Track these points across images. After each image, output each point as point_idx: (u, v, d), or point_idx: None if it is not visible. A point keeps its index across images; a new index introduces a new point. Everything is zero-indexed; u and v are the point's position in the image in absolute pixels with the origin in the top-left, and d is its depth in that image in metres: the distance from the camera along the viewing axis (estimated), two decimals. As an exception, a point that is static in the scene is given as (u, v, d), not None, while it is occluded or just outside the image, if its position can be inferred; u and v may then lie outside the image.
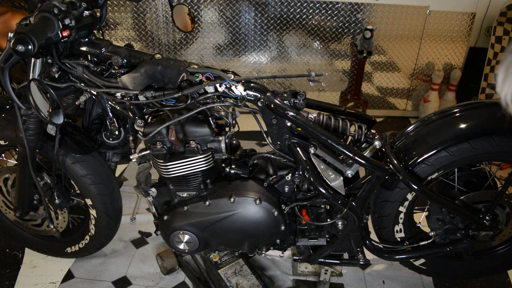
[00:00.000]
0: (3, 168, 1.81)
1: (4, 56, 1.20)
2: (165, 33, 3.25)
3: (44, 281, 1.85)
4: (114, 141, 1.58)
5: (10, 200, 1.84)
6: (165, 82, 1.35)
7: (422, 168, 1.46)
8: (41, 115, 1.22)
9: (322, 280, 1.76)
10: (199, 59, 3.36)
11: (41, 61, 1.36)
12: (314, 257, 1.64)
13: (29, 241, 1.96)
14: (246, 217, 1.47)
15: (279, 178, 1.51)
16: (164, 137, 1.39)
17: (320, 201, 1.52)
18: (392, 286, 1.87)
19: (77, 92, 1.53)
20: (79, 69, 1.39)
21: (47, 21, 1.19)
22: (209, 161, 1.44)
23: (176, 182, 1.47)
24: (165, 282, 1.85)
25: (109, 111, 1.50)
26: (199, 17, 3.18)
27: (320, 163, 1.44)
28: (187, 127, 1.40)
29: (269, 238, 1.54)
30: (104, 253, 2.00)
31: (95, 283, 1.85)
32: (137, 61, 1.38)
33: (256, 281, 1.77)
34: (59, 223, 1.84)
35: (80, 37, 1.38)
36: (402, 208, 1.58)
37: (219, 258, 1.86)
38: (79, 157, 1.59)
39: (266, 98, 1.36)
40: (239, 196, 1.45)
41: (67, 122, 1.61)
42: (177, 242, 1.55)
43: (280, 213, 1.48)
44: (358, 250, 1.62)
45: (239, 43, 3.30)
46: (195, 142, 1.40)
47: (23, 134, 1.43)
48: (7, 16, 2.30)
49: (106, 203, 1.69)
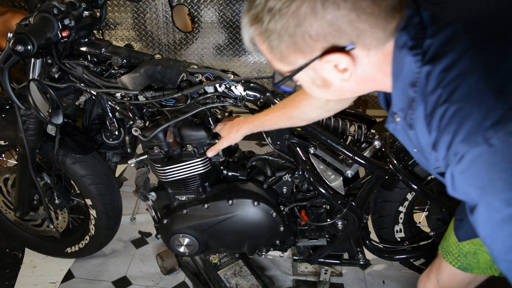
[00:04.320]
0: (3, 168, 1.81)
1: (3, 56, 1.20)
2: (165, 33, 3.25)
3: (44, 281, 1.85)
4: (114, 142, 1.58)
5: (10, 200, 1.84)
6: (165, 82, 1.35)
7: (422, 168, 1.46)
8: (41, 115, 1.22)
9: (322, 280, 1.76)
10: (199, 59, 3.37)
11: (41, 61, 1.36)
12: (314, 257, 1.64)
13: (29, 241, 1.96)
14: (244, 219, 1.47)
15: (277, 179, 1.51)
16: (162, 141, 1.38)
17: (320, 201, 1.52)
18: (392, 286, 1.87)
19: (77, 93, 1.53)
20: (79, 69, 1.39)
21: (47, 21, 1.19)
22: (207, 164, 1.44)
23: (175, 185, 1.48)
24: (165, 282, 1.85)
25: (109, 111, 1.50)
26: (199, 17, 3.18)
27: (319, 163, 1.44)
28: (184, 131, 1.39)
29: (269, 239, 1.54)
30: (104, 253, 2.00)
31: (95, 283, 1.85)
32: (136, 61, 1.38)
33: (256, 282, 1.77)
34: (59, 223, 1.84)
35: (80, 37, 1.38)
36: (402, 208, 1.58)
37: (219, 260, 1.86)
38: (79, 157, 1.59)
39: (266, 98, 1.36)
40: (237, 198, 1.45)
41: (67, 122, 1.61)
42: (177, 245, 1.55)
43: (278, 214, 1.47)
44: (358, 250, 1.62)
45: (239, 43, 3.30)
46: (192, 145, 1.40)
47: (23, 134, 1.43)
48: (7, 16, 2.30)
49: (106, 203, 1.69)
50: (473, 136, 0.59)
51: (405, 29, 0.66)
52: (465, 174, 0.62)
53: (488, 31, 0.66)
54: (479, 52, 0.62)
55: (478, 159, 0.59)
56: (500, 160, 0.58)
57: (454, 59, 0.63)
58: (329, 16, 0.61)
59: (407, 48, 0.67)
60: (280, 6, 0.62)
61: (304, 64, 0.68)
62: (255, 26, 0.67)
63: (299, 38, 0.64)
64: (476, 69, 0.61)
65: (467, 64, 0.62)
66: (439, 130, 0.64)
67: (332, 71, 0.68)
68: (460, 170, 0.63)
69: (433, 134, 0.66)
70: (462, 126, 0.61)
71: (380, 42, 0.66)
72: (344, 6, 0.60)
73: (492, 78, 0.60)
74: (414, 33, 0.66)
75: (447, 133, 0.63)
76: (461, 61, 0.62)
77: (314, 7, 0.60)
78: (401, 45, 0.67)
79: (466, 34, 0.64)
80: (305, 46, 0.65)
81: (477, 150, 0.59)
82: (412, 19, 0.67)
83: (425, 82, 0.66)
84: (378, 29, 0.64)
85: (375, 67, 0.70)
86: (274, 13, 0.63)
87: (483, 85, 0.60)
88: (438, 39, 0.65)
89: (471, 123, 0.60)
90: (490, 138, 0.58)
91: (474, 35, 0.65)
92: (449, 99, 0.62)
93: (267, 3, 0.63)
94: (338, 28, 0.62)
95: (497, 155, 0.58)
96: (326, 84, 0.72)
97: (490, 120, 0.58)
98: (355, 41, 0.64)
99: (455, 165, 0.62)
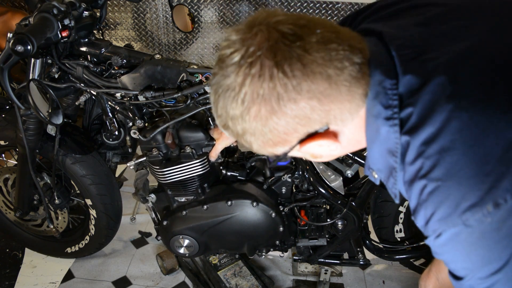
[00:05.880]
0: (3, 168, 1.81)
1: (3, 56, 1.20)
2: (165, 33, 3.25)
3: (44, 281, 1.85)
4: (114, 142, 1.57)
5: (10, 200, 1.84)
6: (165, 82, 1.34)
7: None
8: (40, 116, 1.22)
9: (322, 280, 1.76)
10: (199, 59, 3.36)
11: (41, 61, 1.35)
12: (314, 257, 1.64)
13: (29, 241, 1.96)
14: (244, 220, 1.47)
15: (276, 179, 1.51)
16: (160, 143, 1.38)
17: (320, 201, 1.52)
18: (392, 286, 1.87)
19: (77, 93, 1.52)
20: (78, 69, 1.39)
21: (47, 21, 1.19)
22: (205, 166, 1.44)
23: (174, 187, 1.47)
24: (165, 282, 1.85)
25: (109, 111, 1.49)
26: (199, 17, 3.18)
27: (319, 163, 1.43)
28: (182, 132, 1.39)
29: (268, 239, 1.54)
30: (104, 253, 2.00)
31: (95, 283, 1.85)
32: (136, 61, 1.38)
33: (256, 282, 1.77)
34: (59, 223, 1.84)
35: (80, 37, 1.38)
36: (402, 208, 1.58)
37: (219, 260, 1.86)
38: (79, 157, 1.59)
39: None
40: (236, 199, 1.45)
41: (67, 122, 1.61)
42: (177, 246, 1.55)
43: (278, 215, 1.47)
44: (358, 250, 1.62)
45: (239, 43, 3.29)
46: (190, 147, 1.40)
47: (23, 134, 1.43)
48: (7, 16, 2.30)
49: (106, 204, 1.69)
50: (450, 217, 0.60)
51: (376, 98, 0.64)
52: (444, 248, 0.64)
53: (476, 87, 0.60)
54: (460, 125, 0.59)
55: (456, 238, 0.61)
56: (478, 239, 0.59)
57: (434, 133, 0.60)
58: (290, 111, 0.60)
59: (382, 118, 0.64)
60: (241, 113, 0.61)
61: (285, 152, 0.67)
62: (226, 131, 0.67)
63: (271, 135, 0.64)
64: (454, 148, 0.59)
65: (446, 141, 0.59)
66: (418, 202, 0.64)
67: (318, 148, 0.68)
68: (438, 245, 0.64)
69: (412, 202, 0.66)
70: (440, 206, 0.61)
71: (352, 111, 0.64)
72: (301, 98, 0.59)
73: (473, 157, 0.58)
74: (387, 101, 0.63)
75: (425, 208, 0.63)
76: (440, 136, 0.60)
77: (272, 108, 0.60)
78: (375, 115, 0.65)
79: (448, 98, 0.60)
80: (279, 140, 0.65)
81: (454, 230, 0.60)
82: (382, 84, 0.63)
83: (404, 151, 0.64)
84: (345, 104, 0.62)
85: (358, 131, 0.69)
86: (238, 119, 0.62)
87: (462, 165, 0.58)
88: (418, 108, 0.61)
89: (449, 204, 0.60)
90: (467, 219, 0.58)
91: (457, 97, 0.60)
92: (428, 176, 0.61)
93: (228, 112, 0.63)
94: (304, 118, 0.61)
95: (474, 234, 0.59)
96: (316, 157, 0.72)
97: (468, 202, 0.58)
98: (326, 122, 0.63)
99: (434, 240, 0.63)
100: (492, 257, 0.60)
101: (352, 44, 0.62)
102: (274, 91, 0.58)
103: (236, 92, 0.60)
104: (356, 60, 0.61)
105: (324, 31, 0.60)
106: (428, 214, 0.62)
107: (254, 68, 0.58)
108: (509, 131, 0.57)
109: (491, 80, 0.61)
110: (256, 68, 0.58)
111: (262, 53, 0.58)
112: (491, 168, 0.57)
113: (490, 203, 0.57)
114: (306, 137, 0.65)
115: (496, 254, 0.59)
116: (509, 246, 0.58)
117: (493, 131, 0.58)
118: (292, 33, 0.59)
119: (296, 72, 0.58)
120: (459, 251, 0.62)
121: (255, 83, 0.58)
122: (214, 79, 0.63)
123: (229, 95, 0.61)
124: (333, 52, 0.59)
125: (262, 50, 0.58)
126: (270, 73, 0.58)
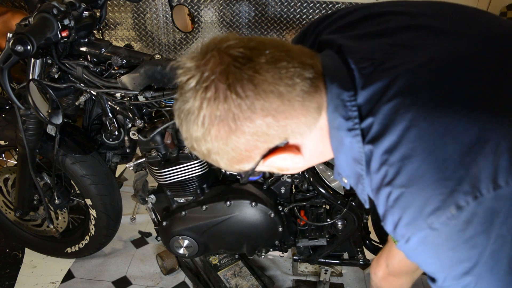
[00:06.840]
0: (3, 168, 1.81)
1: (3, 56, 1.20)
2: (165, 33, 3.25)
3: (44, 281, 1.85)
4: (114, 142, 1.57)
5: (10, 200, 1.84)
6: (165, 82, 1.34)
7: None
8: (40, 116, 1.22)
9: (322, 280, 1.76)
10: (199, 59, 3.36)
11: (41, 61, 1.35)
12: (314, 257, 1.64)
13: (29, 241, 1.96)
14: (243, 220, 1.47)
15: (276, 179, 1.51)
16: (159, 144, 1.38)
17: (319, 201, 1.52)
18: (392, 286, 1.86)
19: (77, 93, 1.52)
20: (78, 69, 1.39)
21: (46, 21, 1.19)
22: (204, 166, 1.44)
23: (173, 188, 1.47)
24: (165, 282, 1.85)
25: (108, 111, 1.49)
26: (199, 17, 3.18)
27: (319, 163, 1.43)
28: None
29: (267, 240, 1.54)
30: (104, 253, 2.00)
31: (95, 283, 1.85)
32: (136, 61, 1.38)
33: (256, 282, 1.77)
34: (59, 223, 1.84)
35: (80, 37, 1.38)
36: (402, 208, 1.58)
37: (218, 261, 1.86)
38: (79, 157, 1.59)
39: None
40: (235, 200, 1.45)
41: (67, 122, 1.61)
42: (177, 247, 1.55)
43: (277, 215, 1.47)
44: (358, 250, 1.62)
45: (239, 43, 3.30)
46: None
47: (22, 134, 1.43)
48: (7, 16, 2.30)
49: (106, 204, 1.69)
50: (416, 221, 0.61)
51: (336, 110, 0.65)
52: (415, 252, 0.66)
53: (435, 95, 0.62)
54: (419, 133, 0.61)
55: (424, 241, 0.62)
56: (445, 241, 0.61)
57: (395, 141, 0.62)
58: (247, 129, 0.62)
59: (344, 130, 0.66)
60: (202, 134, 0.64)
61: (252, 167, 0.70)
62: (194, 152, 0.70)
63: (234, 153, 0.66)
64: (415, 155, 0.60)
65: (407, 148, 0.61)
66: (385, 209, 0.66)
67: (282, 162, 0.69)
68: (409, 249, 0.65)
69: (380, 208, 0.67)
70: (405, 211, 0.62)
71: (309, 124, 0.66)
72: (256, 117, 0.61)
73: (433, 163, 0.60)
74: (346, 112, 0.65)
75: (392, 214, 0.64)
76: (401, 144, 0.61)
77: (230, 128, 0.62)
78: (336, 127, 0.67)
79: (408, 106, 0.62)
80: (243, 157, 0.67)
81: (421, 234, 0.62)
82: (341, 97, 0.65)
83: (369, 159, 0.66)
84: (300, 118, 0.64)
85: (319, 143, 0.70)
86: (201, 141, 0.66)
87: (423, 171, 0.60)
88: (379, 118, 0.63)
89: (414, 209, 0.61)
90: (433, 223, 0.60)
91: (416, 105, 0.61)
92: (392, 183, 0.63)
93: (192, 135, 0.66)
94: (262, 135, 0.63)
95: (441, 237, 0.61)
96: (283, 170, 0.74)
97: (431, 206, 0.60)
98: (285, 136, 0.65)
99: (404, 244, 0.65)
100: (461, 257, 0.61)
101: (303, 60, 0.64)
102: (229, 111, 0.61)
103: (195, 115, 0.63)
104: (308, 75, 0.63)
105: (274, 51, 0.63)
106: (396, 220, 0.64)
107: (209, 92, 0.61)
108: (466, 136, 0.59)
109: (449, 87, 0.63)
110: (211, 92, 0.61)
111: (215, 77, 0.61)
112: (451, 173, 0.59)
113: (452, 206, 0.58)
114: (268, 152, 0.67)
115: (464, 254, 0.61)
116: (477, 245, 0.60)
117: (451, 136, 0.59)
118: (243, 55, 0.62)
119: (249, 92, 0.60)
120: (428, 254, 0.64)
121: (212, 105, 0.61)
122: (176, 105, 0.67)
123: (189, 118, 0.64)
124: (283, 70, 0.61)
125: (215, 74, 0.61)
126: (224, 95, 0.61)
